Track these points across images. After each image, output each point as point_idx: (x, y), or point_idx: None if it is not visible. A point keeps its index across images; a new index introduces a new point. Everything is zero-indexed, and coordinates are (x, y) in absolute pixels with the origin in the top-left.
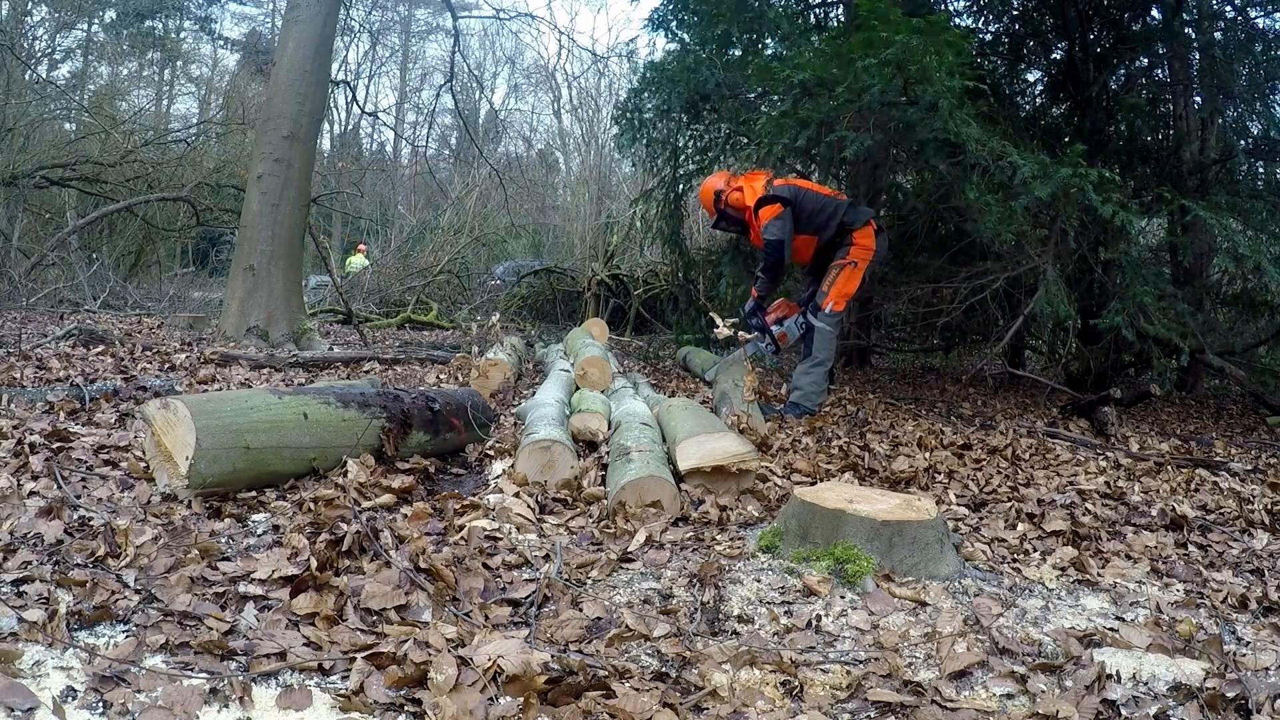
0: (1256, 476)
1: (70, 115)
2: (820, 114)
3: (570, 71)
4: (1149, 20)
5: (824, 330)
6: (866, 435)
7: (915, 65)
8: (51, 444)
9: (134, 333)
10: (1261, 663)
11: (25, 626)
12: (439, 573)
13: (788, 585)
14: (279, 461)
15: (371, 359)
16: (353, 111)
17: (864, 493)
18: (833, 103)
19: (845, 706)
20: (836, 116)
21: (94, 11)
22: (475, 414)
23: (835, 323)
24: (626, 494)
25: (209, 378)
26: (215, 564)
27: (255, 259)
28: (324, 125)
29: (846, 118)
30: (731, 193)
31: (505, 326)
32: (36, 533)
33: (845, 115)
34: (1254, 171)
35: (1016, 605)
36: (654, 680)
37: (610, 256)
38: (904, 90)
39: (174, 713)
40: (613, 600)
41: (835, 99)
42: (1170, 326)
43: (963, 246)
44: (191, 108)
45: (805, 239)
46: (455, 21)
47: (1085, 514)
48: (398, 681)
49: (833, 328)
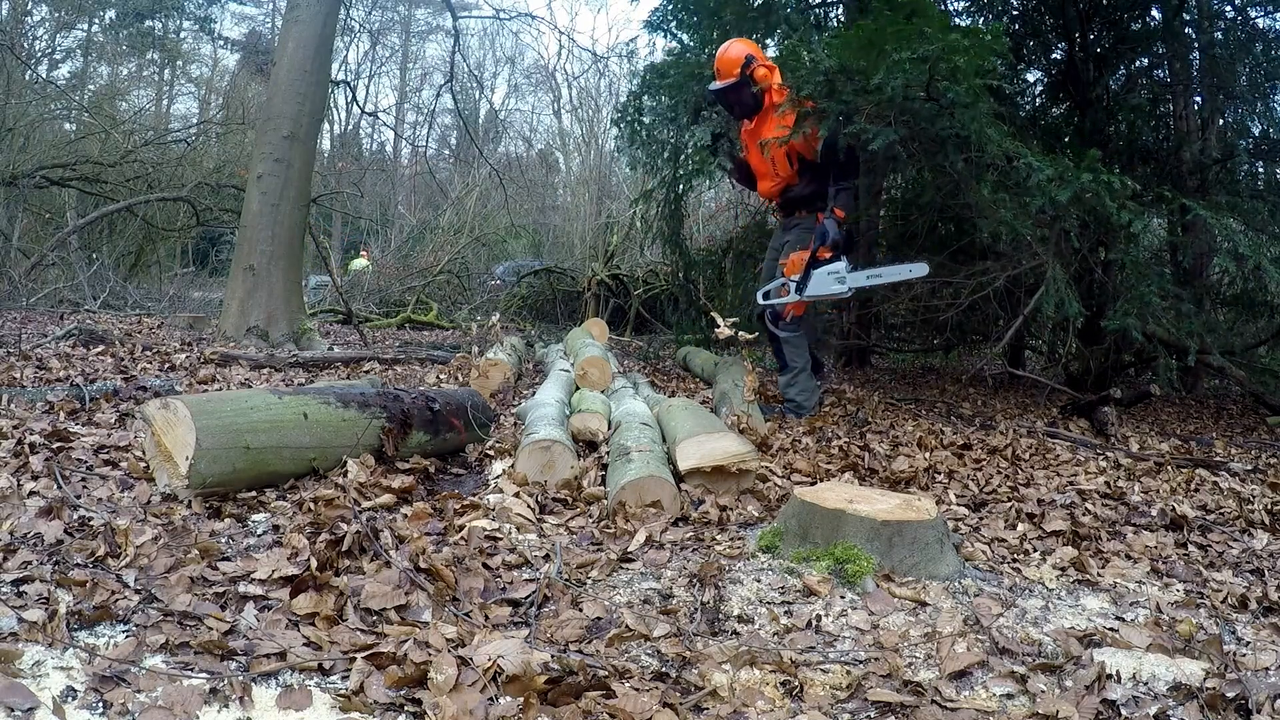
0: (1256, 476)
1: (70, 115)
2: (840, 105)
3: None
4: (1149, 20)
5: (790, 339)
6: (866, 435)
7: (948, 64)
8: (51, 444)
9: (134, 333)
10: (1261, 663)
11: (25, 626)
12: (439, 573)
13: (788, 585)
14: (279, 461)
15: (371, 359)
16: (353, 111)
17: (864, 493)
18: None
19: (845, 706)
20: (856, 108)
21: (94, 11)
22: (475, 414)
23: (797, 329)
24: (626, 494)
25: (209, 378)
26: (215, 564)
27: (255, 259)
28: (324, 125)
29: (865, 111)
30: (760, 67)
31: (505, 326)
32: (36, 533)
33: (864, 108)
34: (1254, 172)
35: (1016, 605)
36: (654, 680)
37: (610, 256)
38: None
39: (174, 713)
40: (613, 600)
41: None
42: (1176, 326)
43: (963, 246)
44: (191, 108)
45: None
46: (455, 21)
47: (1085, 514)
48: (398, 681)
49: (797, 334)
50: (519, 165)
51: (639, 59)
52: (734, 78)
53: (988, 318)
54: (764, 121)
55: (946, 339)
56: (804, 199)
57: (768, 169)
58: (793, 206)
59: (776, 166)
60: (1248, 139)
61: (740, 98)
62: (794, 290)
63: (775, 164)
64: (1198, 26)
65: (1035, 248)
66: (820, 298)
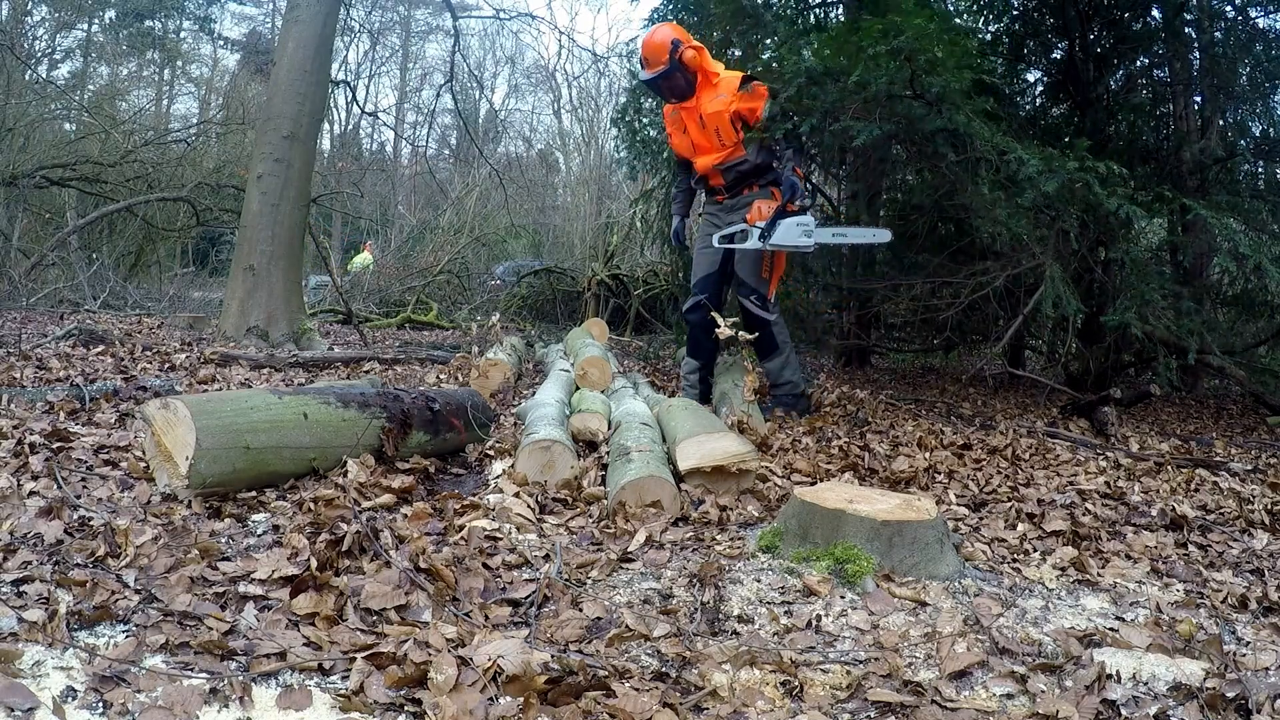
0: (1256, 476)
1: (70, 115)
2: (825, 103)
3: (570, 71)
4: (1149, 20)
5: (776, 319)
6: (866, 435)
7: (925, 55)
8: (51, 444)
9: (134, 333)
10: (1261, 663)
11: (25, 626)
12: (439, 573)
13: (788, 585)
14: (279, 461)
15: (371, 359)
16: (353, 111)
17: (864, 493)
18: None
19: (845, 706)
20: (841, 106)
21: (94, 11)
22: (475, 414)
23: (777, 309)
24: (626, 494)
25: (209, 378)
26: (215, 564)
27: (255, 259)
28: (324, 125)
29: (851, 108)
30: (688, 49)
31: (505, 326)
32: (36, 533)
33: (850, 105)
34: (1254, 172)
35: (1016, 605)
36: (654, 680)
37: (610, 256)
38: (910, 83)
39: (174, 713)
40: (613, 600)
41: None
42: (1176, 325)
43: (962, 246)
44: (191, 108)
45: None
46: (455, 22)
47: (1085, 514)
48: (398, 681)
49: (778, 316)
50: (519, 165)
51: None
52: (664, 65)
53: (988, 318)
54: (700, 97)
55: (946, 339)
56: (753, 171)
57: (711, 141)
58: (740, 182)
59: (721, 135)
60: (1248, 139)
61: (672, 83)
62: (756, 238)
63: (720, 133)
64: (1198, 26)
65: (1034, 247)
66: (784, 248)
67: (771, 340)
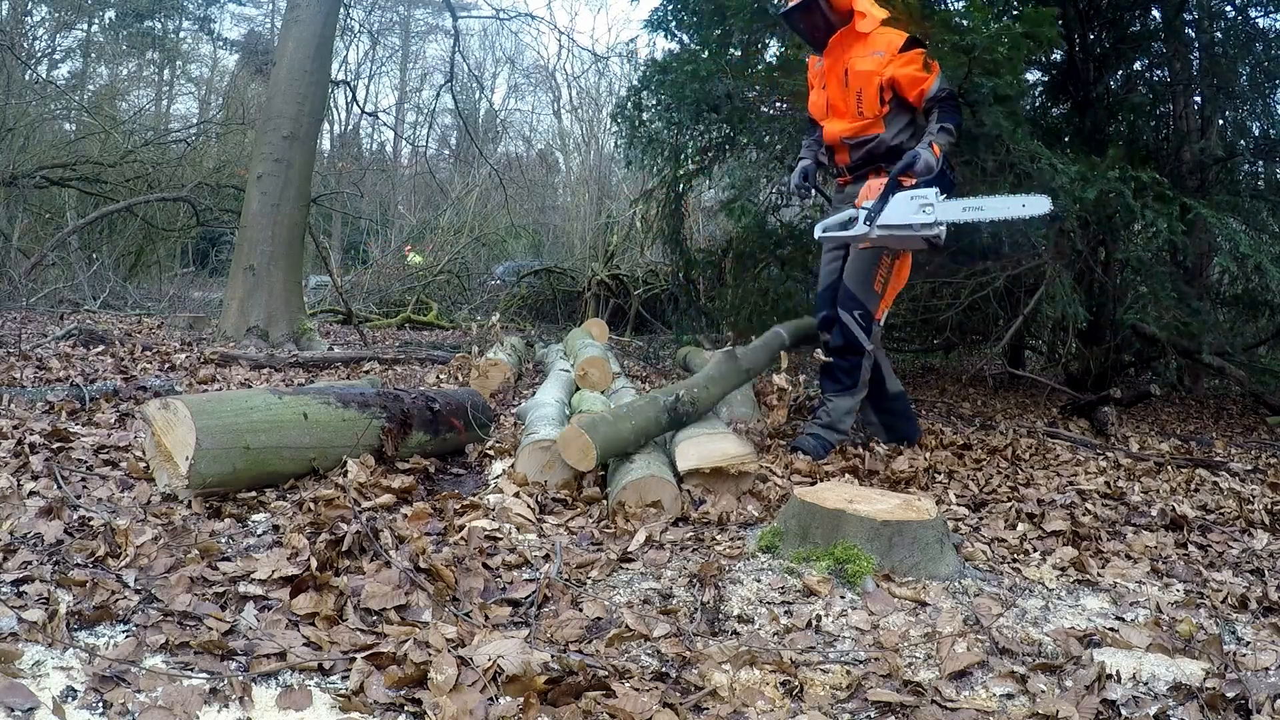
0: (1256, 476)
1: (70, 115)
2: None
3: (570, 71)
4: (1149, 20)
5: (874, 353)
6: None
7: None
8: (51, 444)
9: (134, 333)
10: (1261, 663)
11: (25, 626)
12: (439, 573)
13: (788, 585)
14: (279, 461)
15: (371, 359)
16: (353, 111)
17: (864, 493)
18: None
19: (845, 706)
20: None
21: (94, 11)
22: (475, 414)
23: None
24: (627, 494)
25: (209, 378)
26: (215, 564)
27: (255, 259)
28: (324, 125)
29: None
30: None
31: (505, 326)
32: (36, 533)
33: None
34: (1255, 171)
35: (1016, 605)
36: (654, 680)
37: (610, 256)
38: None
39: (174, 713)
40: (613, 600)
41: None
42: (1182, 325)
43: (963, 246)
44: (191, 108)
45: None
46: (455, 22)
47: (1085, 514)
48: (398, 681)
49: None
50: (519, 165)
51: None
52: None
53: (988, 318)
54: (849, 48)
55: (946, 339)
56: (889, 152)
57: (849, 106)
58: (866, 164)
59: (863, 102)
60: (1248, 139)
61: (813, 20)
62: (863, 221)
63: (862, 99)
64: (1198, 26)
65: (1036, 248)
66: (898, 229)
67: (854, 375)
